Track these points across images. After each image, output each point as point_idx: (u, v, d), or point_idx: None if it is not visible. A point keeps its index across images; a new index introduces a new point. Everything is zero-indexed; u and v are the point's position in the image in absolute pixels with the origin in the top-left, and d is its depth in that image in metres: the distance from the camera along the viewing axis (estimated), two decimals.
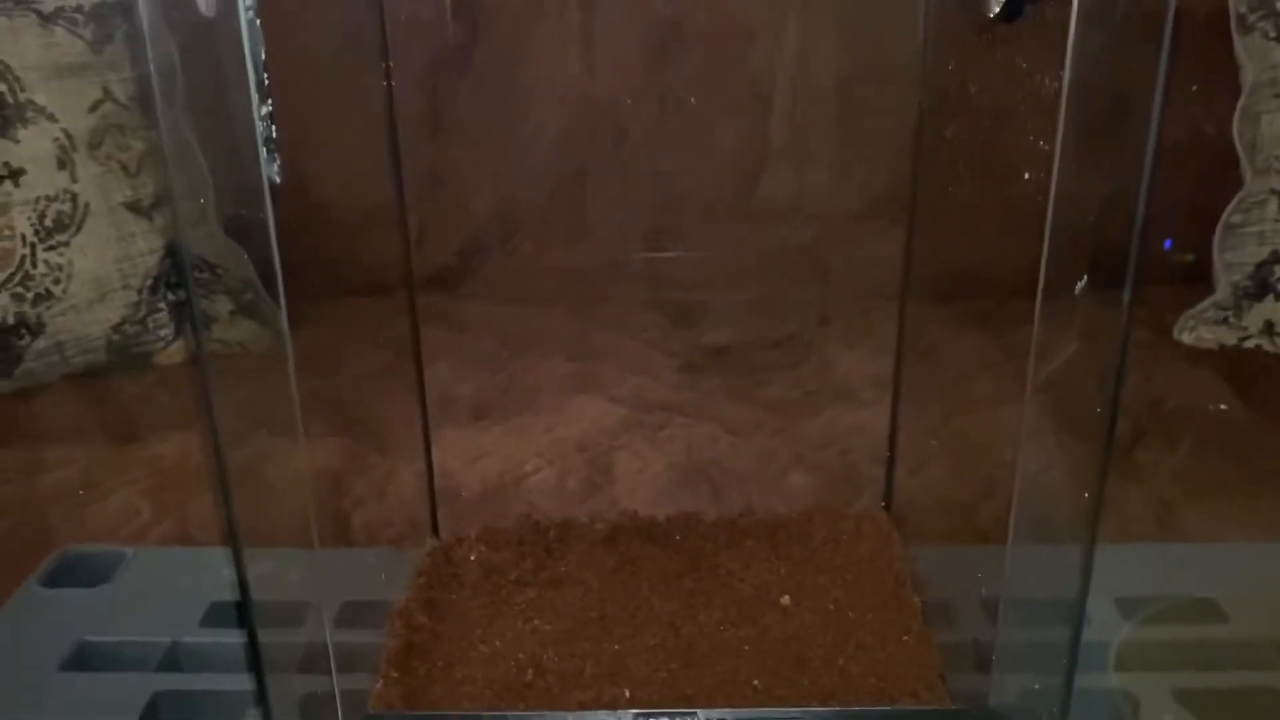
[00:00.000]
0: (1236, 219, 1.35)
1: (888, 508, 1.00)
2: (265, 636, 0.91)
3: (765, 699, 0.77)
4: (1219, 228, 1.37)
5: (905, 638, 0.83)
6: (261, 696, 0.63)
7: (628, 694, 0.76)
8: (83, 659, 0.85)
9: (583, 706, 0.75)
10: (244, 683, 0.86)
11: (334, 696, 0.73)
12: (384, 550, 1.03)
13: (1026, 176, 0.64)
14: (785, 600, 0.88)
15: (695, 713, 0.57)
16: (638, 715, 0.57)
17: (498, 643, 0.83)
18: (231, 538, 0.59)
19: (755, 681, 0.79)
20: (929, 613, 0.86)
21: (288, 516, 1.20)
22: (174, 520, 1.20)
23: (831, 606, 0.87)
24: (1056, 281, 0.59)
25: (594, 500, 1.17)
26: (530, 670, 0.80)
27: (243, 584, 0.60)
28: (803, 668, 0.80)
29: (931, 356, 1.07)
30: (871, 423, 1.15)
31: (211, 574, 1.02)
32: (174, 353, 1.42)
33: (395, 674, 0.78)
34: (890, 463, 1.00)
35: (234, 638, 0.92)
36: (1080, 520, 0.55)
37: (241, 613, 0.62)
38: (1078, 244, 0.58)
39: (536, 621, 0.85)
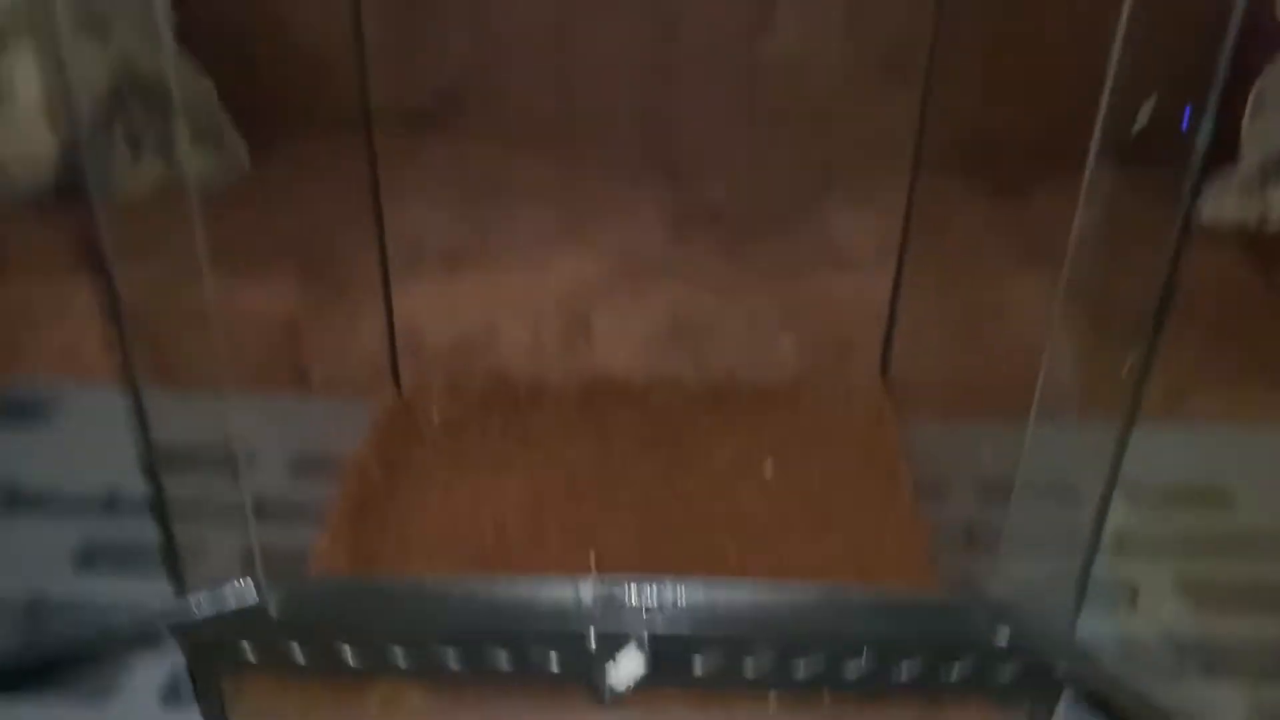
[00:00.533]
0: (1271, 86, 1.25)
1: (884, 378, 0.93)
2: (203, 486, 0.86)
3: (741, 573, 0.72)
4: (1251, 96, 1.28)
5: (894, 516, 0.78)
6: (169, 546, 0.57)
7: (594, 560, 0.71)
8: (14, 502, 0.80)
9: (545, 573, 0.70)
10: (191, 533, 0.81)
11: (259, 553, 0.68)
12: (343, 402, 0.97)
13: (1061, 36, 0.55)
14: (767, 470, 0.83)
15: (664, 581, 0.51)
16: (603, 581, 0.51)
17: (458, 503, 0.77)
18: (127, 374, 0.52)
19: (731, 555, 0.74)
20: (922, 491, 0.81)
21: (241, 360, 1.14)
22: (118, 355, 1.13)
23: (817, 480, 0.82)
24: (1106, 148, 0.51)
25: (570, 360, 1.10)
26: (490, 532, 0.74)
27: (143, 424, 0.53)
28: (782, 542, 0.75)
29: (941, 224, 1.00)
30: (871, 290, 1.07)
31: (158, 417, 0.96)
32: (128, 180, 1.32)
33: (344, 530, 0.73)
34: (889, 330, 0.93)
35: (179, 486, 0.86)
36: (1111, 401, 0.49)
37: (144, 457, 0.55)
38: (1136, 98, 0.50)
39: (502, 482, 0.80)
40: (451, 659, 0.51)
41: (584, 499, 0.78)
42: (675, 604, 0.51)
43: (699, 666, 0.51)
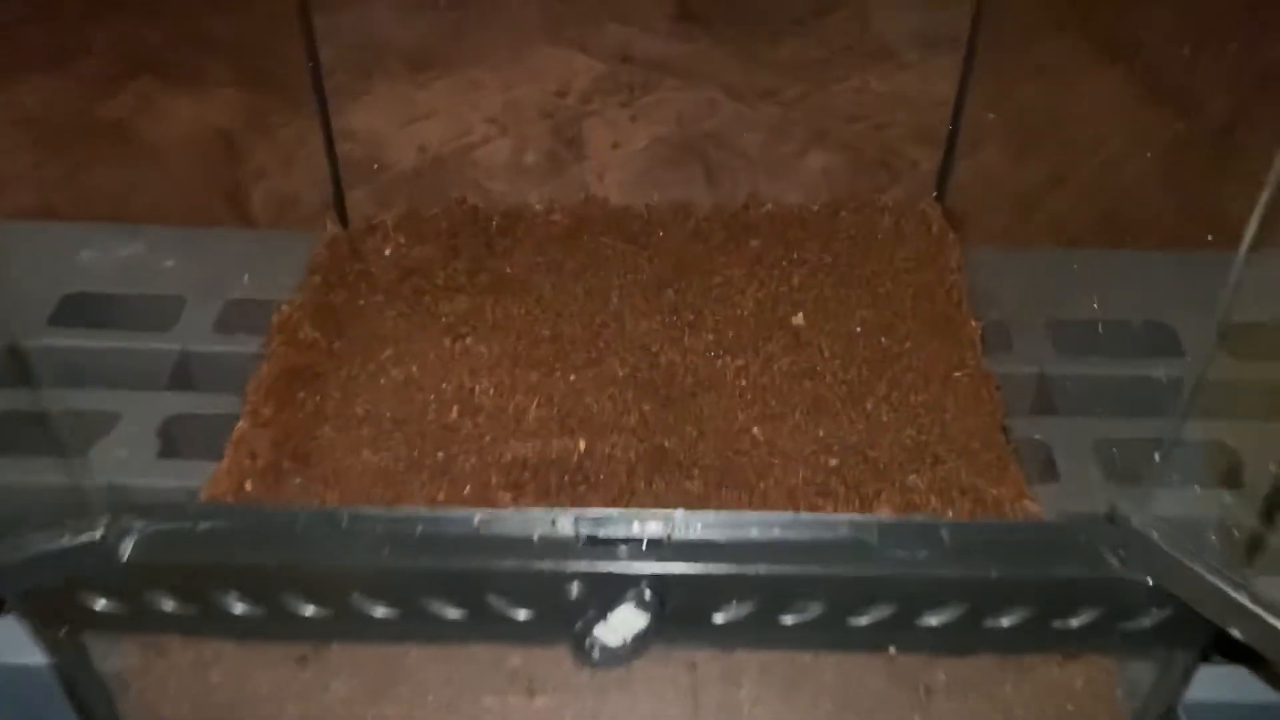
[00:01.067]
0: None
1: (940, 200, 0.76)
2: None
3: (767, 454, 0.57)
4: None
5: (958, 374, 0.63)
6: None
7: (583, 446, 0.56)
8: None
9: (520, 462, 0.55)
10: (98, 399, 0.67)
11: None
12: (285, 235, 0.80)
13: None
14: (798, 320, 0.67)
15: (669, 514, 0.36)
16: (586, 520, 0.36)
17: (414, 368, 0.62)
18: None
19: (755, 430, 0.59)
20: (991, 341, 0.65)
21: (169, 186, 0.96)
22: (32, 186, 0.96)
23: (859, 329, 0.66)
24: None
25: (556, 181, 0.92)
26: (456, 408, 0.59)
27: None
28: (819, 412, 0.60)
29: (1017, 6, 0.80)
30: (922, 91, 0.88)
31: (67, 258, 0.80)
32: None
33: (268, 410, 0.58)
34: (951, 140, 0.75)
35: (88, 340, 0.71)
36: None
37: None
38: None
39: (469, 340, 0.64)
40: (379, 610, 0.36)
41: (571, 359, 0.63)
42: (688, 534, 0.36)
43: (721, 615, 0.37)
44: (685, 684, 0.45)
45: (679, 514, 0.37)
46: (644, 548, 0.36)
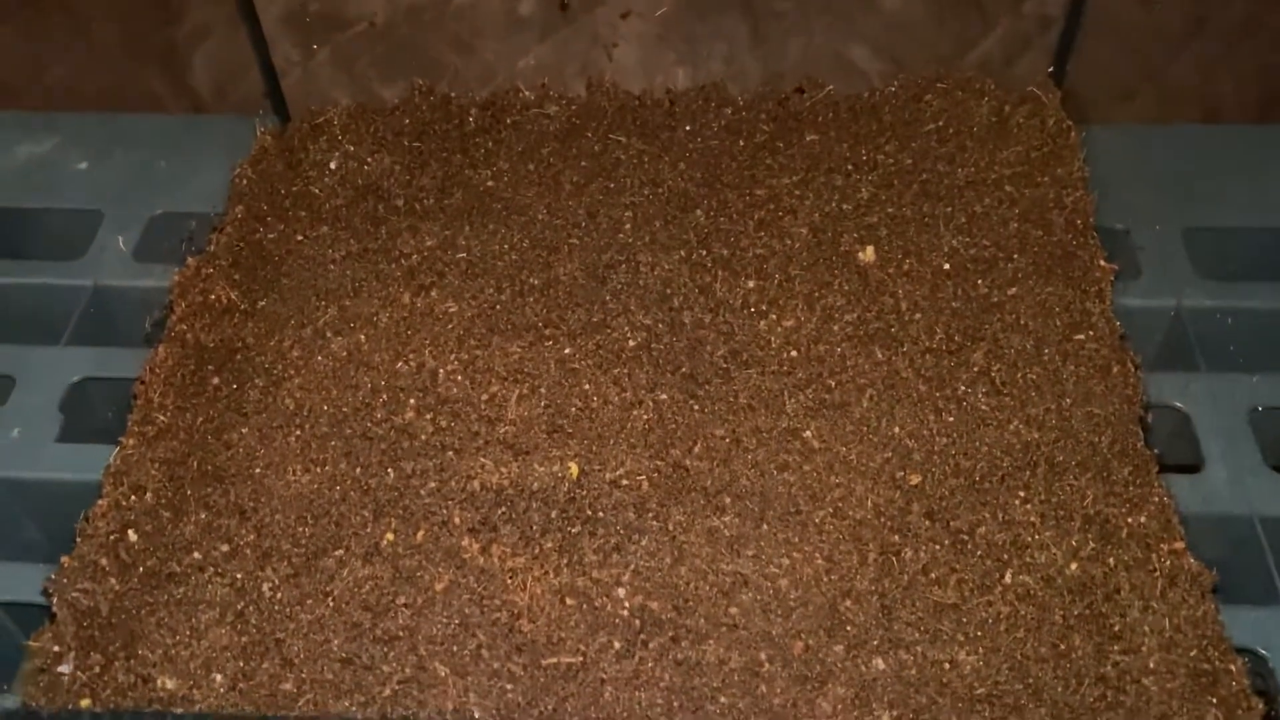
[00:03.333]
0: None
1: (1057, 79, 0.57)
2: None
3: (824, 467, 0.43)
4: None
5: (1080, 337, 0.47)
6: None
7: (575, 472, 0.42)
8: None
9: (492, 493, 0.41)
10: None
11: None
12: (228, 120, 0.65)
13: None
14: (867, 256, 0.51)
15: None
16: None
17: (361, 336, 0.47)
18: None
19: (808, 431, 0.44)
20: (1128, 274, 0.49)
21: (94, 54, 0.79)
22: None
23: (946, 267, 0.50)
24: None
25: (557, 38, 0.74)
26: (413, 401, 0.45)
27: None
28: (894, 398, 0.45)
29: None
30: None
31: None
32: None
33: (164, 415, 0.44)
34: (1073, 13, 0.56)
35: None
36: None
37: None
38: None
39: (435, 294, 0.49)
40: None
41: (567, 317, 0.48)
42: None
43: None
44: None
45: None
46: None
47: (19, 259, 0.60)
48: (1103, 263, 0.48)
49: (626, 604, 0.38)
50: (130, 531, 0.40)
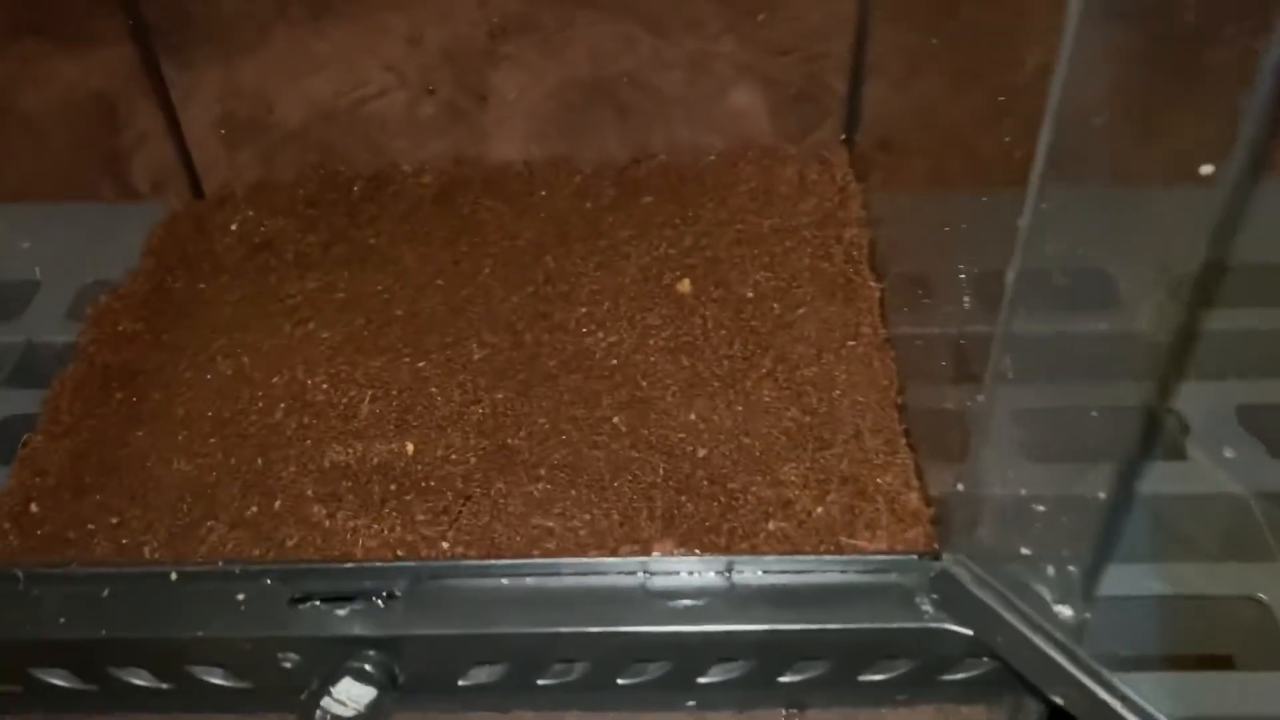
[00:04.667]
0: None
1: (849, 143, 0.68)
2: None
3: (628, 445, 0.51)
4: None
5: (852, 343, 0.56)
6: None
7: (410, 449, 0.50)
8: None
9: (340, 469, 0.49)
10: None
11: None
12: (155, 207, 0.74)
13: None
14: (684, 287, 0.60)
15: (397, 567, 0.30)
16: (296, 574, 0.30)
17: (246, 360, 0.56)
18: None
19: (616, 419, 0.52)
20: (892, 305, 0.58)
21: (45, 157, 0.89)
22: None
23: (750, 294, 0.59)
24: None
25: (456, 133, 0.85)
26: (283, 405, 0.53)
27: None
28: (693, 393, 0.54)
29: None
30: (831, 19, 0.80)
31: None
32: None
33: (70, 417, 0.52)
34: (856, 71, 0.67)
35: None
36: None
37: None
38: None
39: (312, 325, 0.58)
40: (58, 681, 0.31)
41: (424, 341, 0.56)
42: (425, 588, 0.30)
43: (465, 679, 0.31)
44: None
45: (410, 565, 0.30)
46: (373, 605, 0.30)
47: None
48: (872, 284, 0.58)
49: (449, 554, 0.46)
50: (33, 504, 0.47)
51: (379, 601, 0.30)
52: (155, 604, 0.30)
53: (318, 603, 0.30)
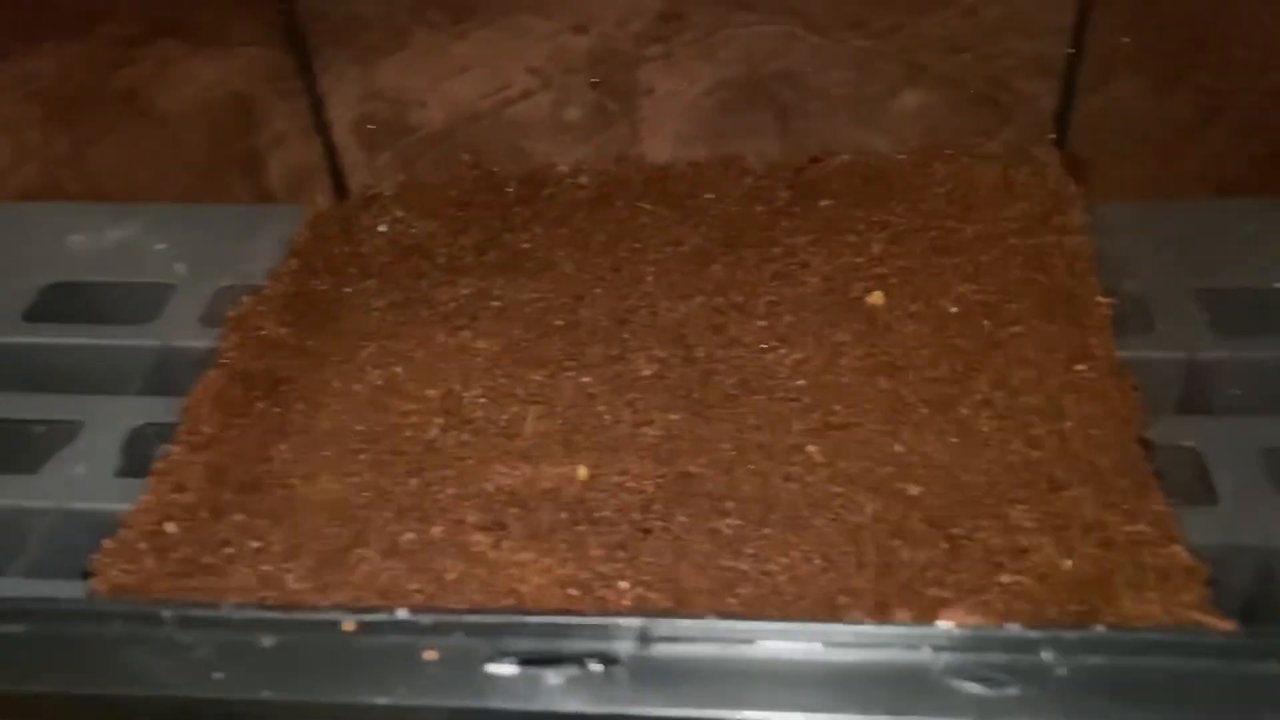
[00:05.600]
0: None
1: (1060, 144, 0.61)
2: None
3: (826, 479, 0.44)
4: None
5: (1081, 367, 0.48)
6: None
7: (583, 474, 0.44)
8: None
9: (505, 494, 0.44)
10: (63, 405, 0.58)
11: None
12: (292, 210, 0.70)
13: None
14: (875, 299, 0.53)
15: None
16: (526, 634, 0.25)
17: (398, 369, 0.51)
18: None
19: (811, 447, 0.46)
20: (1127, 322, 0.50)
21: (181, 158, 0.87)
22: (39, 164, 0.89)
23: (954, 310, 0.52)
24: None
25: (602, 137, 0.80)
26: (439, 421, 0.48)
27: None
28: (898, 421, 0.47)
29: None
30: (1040, 12, 0.73)
31: (56, 244, 0.72)
32: None
33: (210, 428, 0.48)
34: (1072, 68, 0.60)
35: (61, 337, 0.63)
36: None
37: None
38: None
39: (467, 333, 0.53)
40: None
41: (586, 354, 0.51)
42: (653, 647, 0.24)
43: None
44: None
45: (635, 622, 0.24)
46: (590, 669, 0.24)
47: (102, 324, 0.65)
48: (1100, 299, 0.50)
49: (628, 597, 0.40)
50: (169, 523, 0.43)
51: (598, 667, 0.24)
52: (326, 660, 0.25)
53: (521, 666, 0.24)
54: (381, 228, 0.59)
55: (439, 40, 0.93)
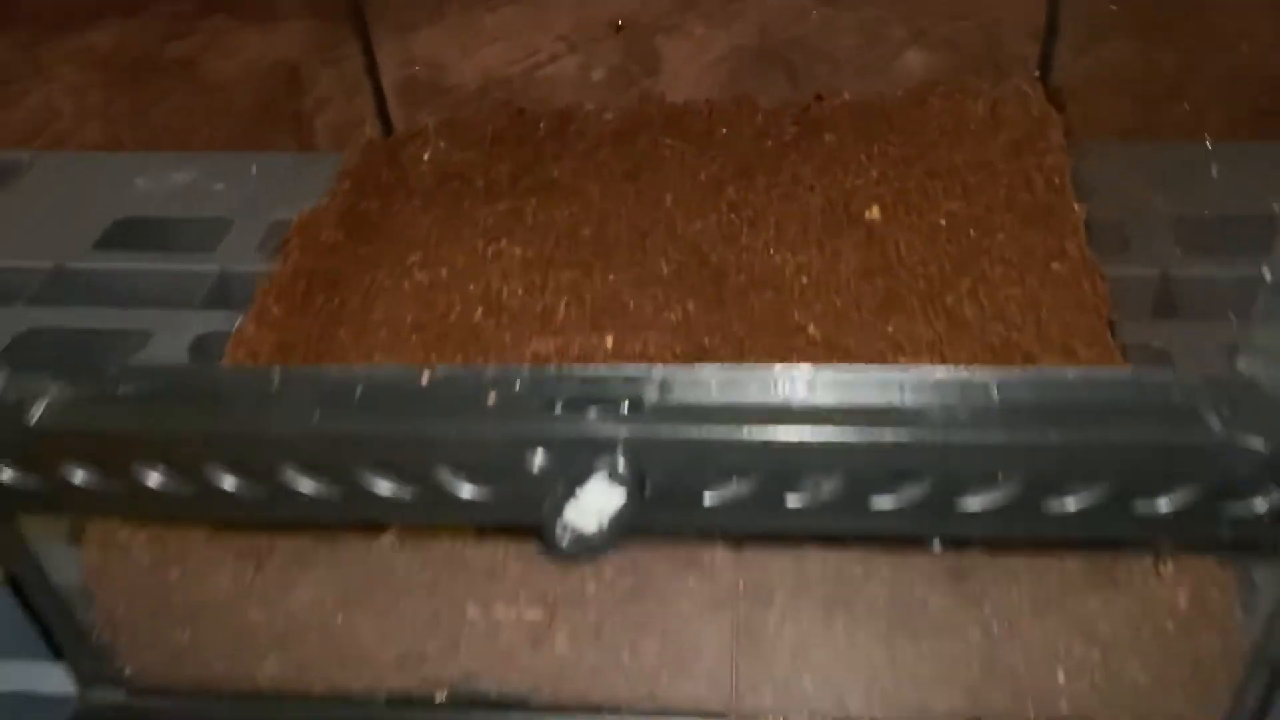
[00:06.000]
0: None
1: (1044, 81, 0.66)
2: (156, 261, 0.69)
3: (824, 352, 0.50)
4: None
5: (1056, 265, 0.54)
6: None
7: (610, 342, 0.50)
8: None
9: (539, 360, 0.50)
10: (134, 318, 0.65)
11: None
12: (338, 157, 0.77)
13: None
14: (873, 214, 0.59)
15: (649, 370, 0.30)
16: (550, 378, 0.30)
17: (443, 270, 0.57)
18: None
19: (811, 328, 0.51)
20: (1103, 241, 0.56)
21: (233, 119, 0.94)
22: (101, 122, 0.96)
23: (943, 222, 0.58)
24: None
25: (627, 95, 0.87)
26: (480, 309, 0.54)
27: None
28: (890, 309, 0.52)
29: None
30: None
31: (123, 185, 0.78)
32: None
33: (278, 310, 0.54)
34: (1052, 20, 0.65)
35: (130, 262, 0.69)
36: None
37: None
38: None
39: (504, 242, 0.59)
40: (311, 485, 0.31)
41: (613, 258, 0.57)
42: (674, 397, 0.30)
43: (712, 494, 0.30)
44: (703, 596, 0.39)
45: (659, 370, 0.30)
46: (621, 410, 0.30)
47: (166, 252, 0.71)
48: (1075, 206, 0.56)
49: None
50: None
51: (630, 407, 0.29)
52: (406, 403, 0.30)
53: (569, 406, 0.30)
54: (425, 156, 0.65)
55: (473, 15, 1.00)
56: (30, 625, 0.41)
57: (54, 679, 0.43)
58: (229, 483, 0.31)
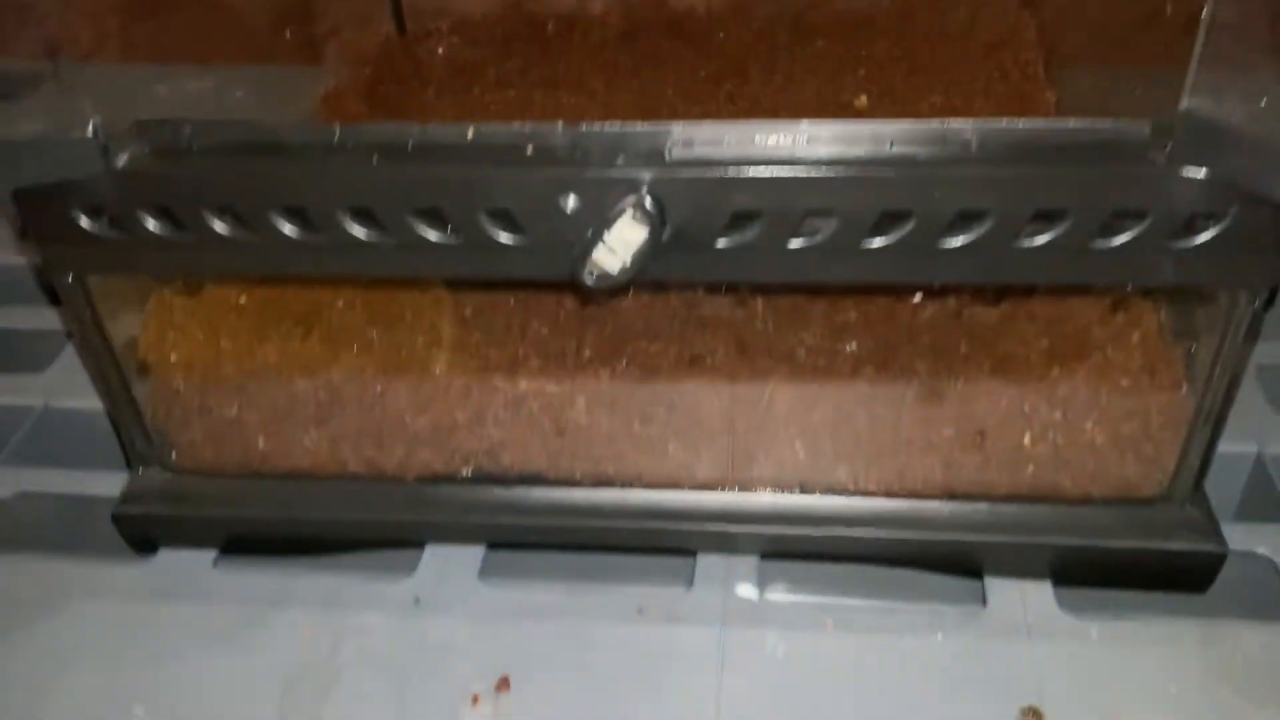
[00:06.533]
0: None
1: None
2: None
3: None
4: None
5: None
6: None
7: None
8: None
9: None
10: None
11: None
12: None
13: None
14: (860, 102, 0.63)
15: (668, 126, 0.34)
16: (581, 132, 0.34)
17: None
18: None
19: None
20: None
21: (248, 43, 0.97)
22: (119, 45, 0.99)
23: (925, 111, 0.62)
24: None
25: (629, 2, 0.90)
26: None
27: None
28: None
29: None
30: None
31: (144, 91, 0.81)
32: None
33: None
34: None
35: None
36: None
37: None
38: None
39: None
40: (364, 232, 0.35)
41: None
42: (690, 150, 0.34)
43: (724, 239, 0.34)
44: None
45: (680, 126, 0.34)
46: (644, 157, 0.34)
47: None
48: (1048, 94, 0.60)
49: None
50: None
51: (654, 157, 0.33)
52: (454, 154, 0.34)
53: (599, 152, 0.34)
54: (439, 50, 0.69)
55: None
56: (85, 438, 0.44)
57: (105, 484, 0.47)
58: (290, 229, 0.35)
